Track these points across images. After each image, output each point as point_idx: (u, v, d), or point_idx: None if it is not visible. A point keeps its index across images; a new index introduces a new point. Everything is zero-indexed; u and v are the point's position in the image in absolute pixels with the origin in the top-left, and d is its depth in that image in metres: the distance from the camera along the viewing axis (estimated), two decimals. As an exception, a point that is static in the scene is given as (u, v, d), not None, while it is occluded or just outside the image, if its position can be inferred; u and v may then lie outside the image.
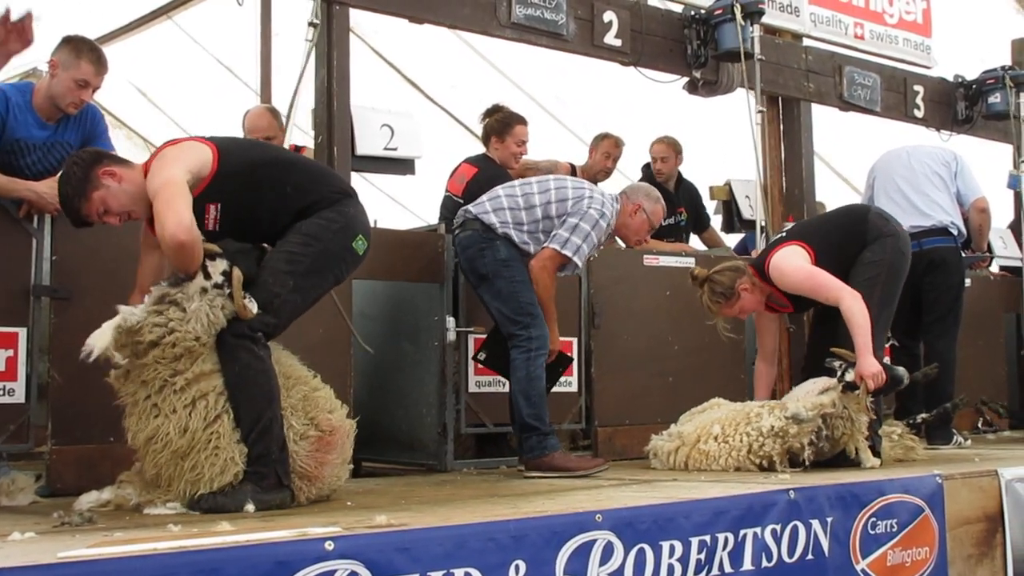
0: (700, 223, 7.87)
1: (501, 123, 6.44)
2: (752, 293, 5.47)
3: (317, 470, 3.99)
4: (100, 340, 3.72)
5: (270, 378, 3.91)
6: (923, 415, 6.30)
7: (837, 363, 5.23)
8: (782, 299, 5.57)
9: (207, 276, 3.86)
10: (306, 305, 4.18)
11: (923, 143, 7.39)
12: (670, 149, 7.56)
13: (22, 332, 4.44)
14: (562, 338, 5.86)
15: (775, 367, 5.88)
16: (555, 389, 5.81)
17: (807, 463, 5.03)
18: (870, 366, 5.11)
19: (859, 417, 5.15)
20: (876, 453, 5.27)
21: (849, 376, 5.15)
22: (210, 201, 3.99)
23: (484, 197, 5.37)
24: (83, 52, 4.60)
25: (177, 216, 3.76)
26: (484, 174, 6.26)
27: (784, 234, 5.72)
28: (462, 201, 6.26)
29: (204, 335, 3.82)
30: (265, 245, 4.16)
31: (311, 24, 5.36)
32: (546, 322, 5.20)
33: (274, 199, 4.10)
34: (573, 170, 6.82)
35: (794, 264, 5.41)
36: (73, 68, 4.58)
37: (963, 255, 7.07)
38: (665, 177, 7.53)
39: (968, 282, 7.81)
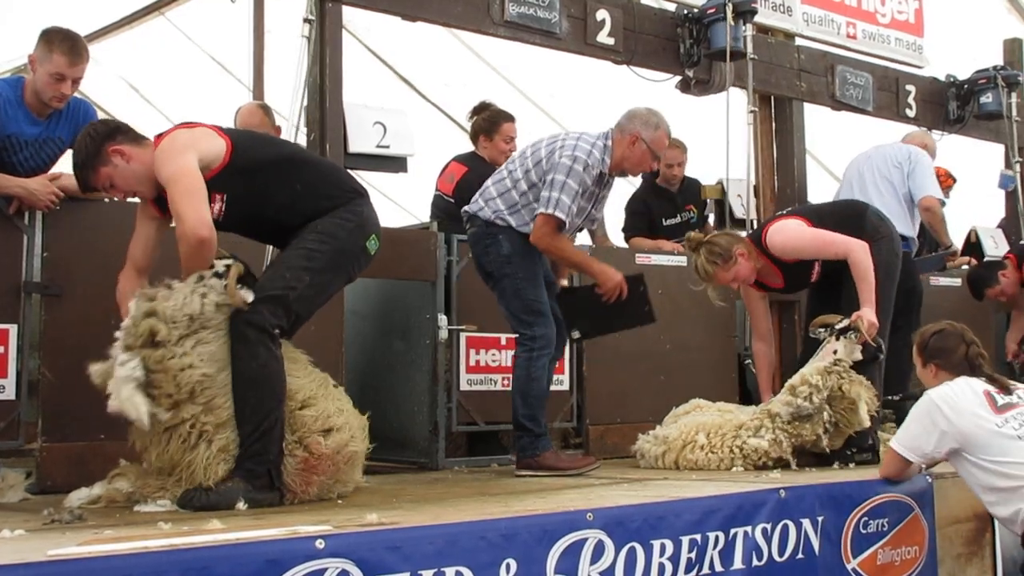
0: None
1: (488, 122, 6.44)
2: (748, 260, 5.46)
3: (303, 488, 3.95)
4: (141, 409, 3.67)
5: (282, 379, 3.92)
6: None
7: (821, 329, 5.30)
8: (775, 273, 5.59)
9: (209, 265, 3.89)
10: (321, 302, 4.19)
11: (885, 143, 7.31)
12: (684, 153, 7.44)
13: (13, 329, 4.43)
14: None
15: (772, 346, 5.93)
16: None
17: (828, 450, 5.10)
18: (870, 314, 5.19)
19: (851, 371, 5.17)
20: (876, 453, 5.29)
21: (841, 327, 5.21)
22: (216, 191, 3.97)
23: (477, 193, 5.33)
24: (55, 44, 4.53)
25: (197, 212, 3.78)
26: (474, 173, 6.25)
27: (782, 213, 5.83)
28: (452, 200, 6.26)
29: (188, 317, 3.79)
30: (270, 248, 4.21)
31: (306, 20, 5.35)
32: (586, 268, 5.14)
33: (283, 196, 4.10)
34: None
35: (795, 229, 5.50)
36: (47, 62, 4.53)
37: (915, 256, 7.06)
38: (677, 181, 7.50)
39: (959, 282, 7.85)
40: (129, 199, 4.24)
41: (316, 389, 4.10)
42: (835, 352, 5.14)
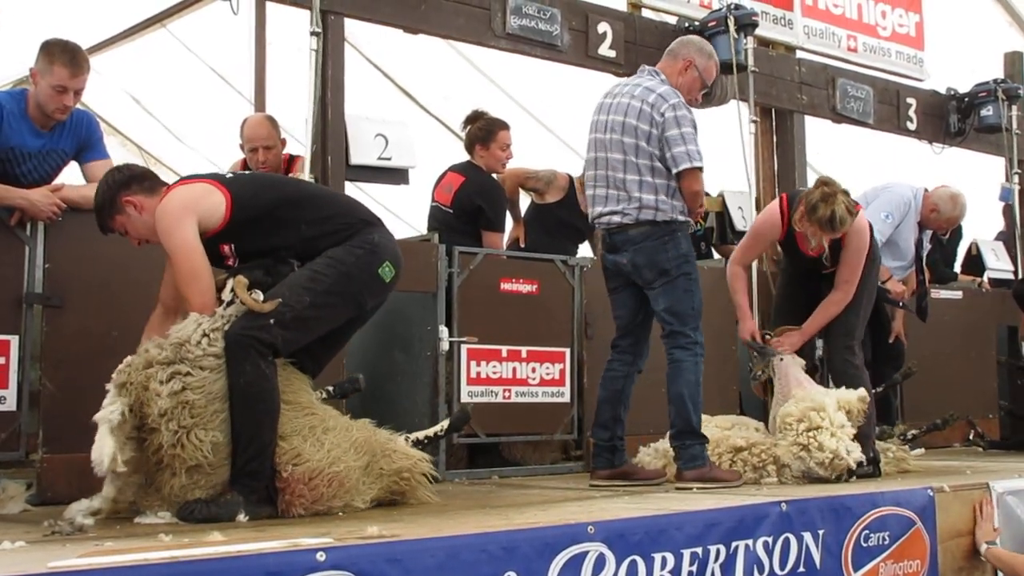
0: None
1: (484, 130, 6.41)
2: None
3: (283, 509, 3.91)
4: (105, 451, 3.68)
5: (272, 397, 3.91)
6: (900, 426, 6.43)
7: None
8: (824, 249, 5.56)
9: (219, 301, 3.98)
10: (321, 325, 4.16)
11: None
12: None
13: (14, 340, 4.43)
14: (554, 348, 5.89)
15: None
16: (548, 399, 5.83)
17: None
18: (792, 339, 5.62)
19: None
20: (877, 466, 5.33)
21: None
22: (223, 242, 4.08)
23: (613, 204, 5.08)
24: (55, 57, 4.54)
25: (202, 297, 3.95)
26: (472, 183, 6.25)
27: None
28: (451, 211, 6.25)
29: (177, 342, 3.85)
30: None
31: (313, 33, 5.36)
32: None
33: (291, 238, 4.16)
34: (572, 181, 6.81)
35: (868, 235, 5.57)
36: (48, 75, 4.53)
37: None
38: None
39: (959, 295, 7.86)
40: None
41: (300, 429, 4.01)
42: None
